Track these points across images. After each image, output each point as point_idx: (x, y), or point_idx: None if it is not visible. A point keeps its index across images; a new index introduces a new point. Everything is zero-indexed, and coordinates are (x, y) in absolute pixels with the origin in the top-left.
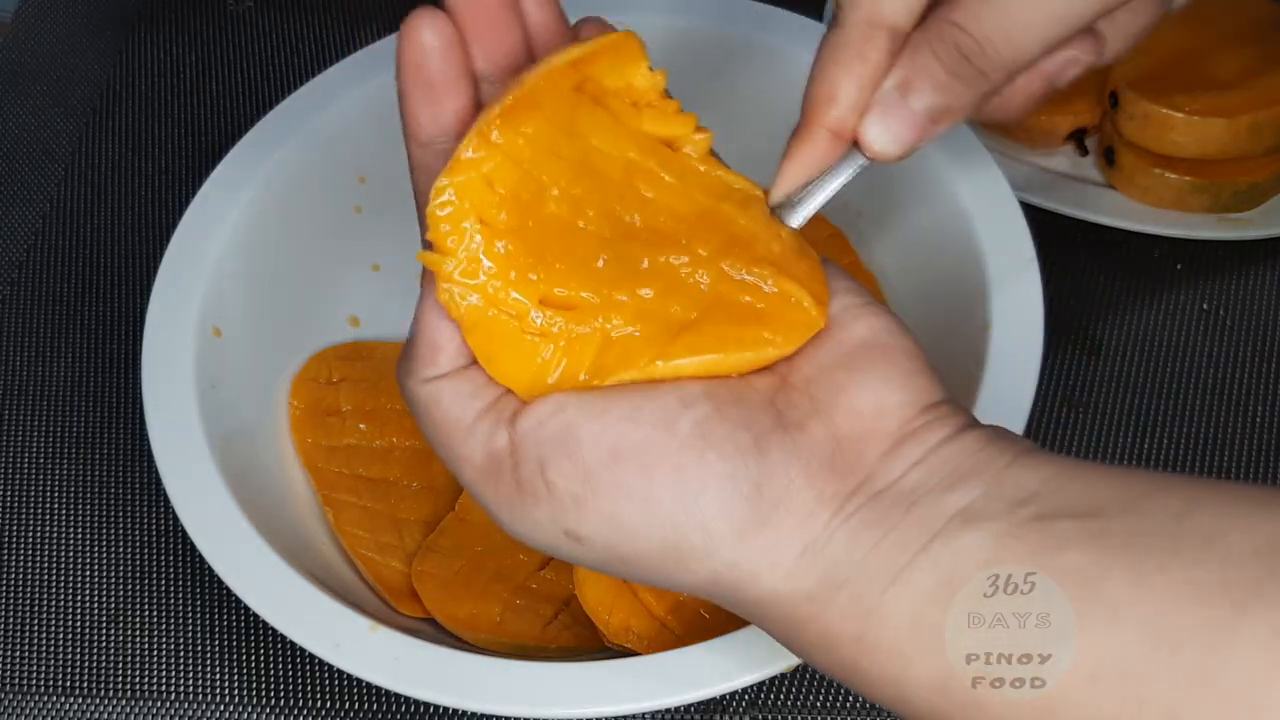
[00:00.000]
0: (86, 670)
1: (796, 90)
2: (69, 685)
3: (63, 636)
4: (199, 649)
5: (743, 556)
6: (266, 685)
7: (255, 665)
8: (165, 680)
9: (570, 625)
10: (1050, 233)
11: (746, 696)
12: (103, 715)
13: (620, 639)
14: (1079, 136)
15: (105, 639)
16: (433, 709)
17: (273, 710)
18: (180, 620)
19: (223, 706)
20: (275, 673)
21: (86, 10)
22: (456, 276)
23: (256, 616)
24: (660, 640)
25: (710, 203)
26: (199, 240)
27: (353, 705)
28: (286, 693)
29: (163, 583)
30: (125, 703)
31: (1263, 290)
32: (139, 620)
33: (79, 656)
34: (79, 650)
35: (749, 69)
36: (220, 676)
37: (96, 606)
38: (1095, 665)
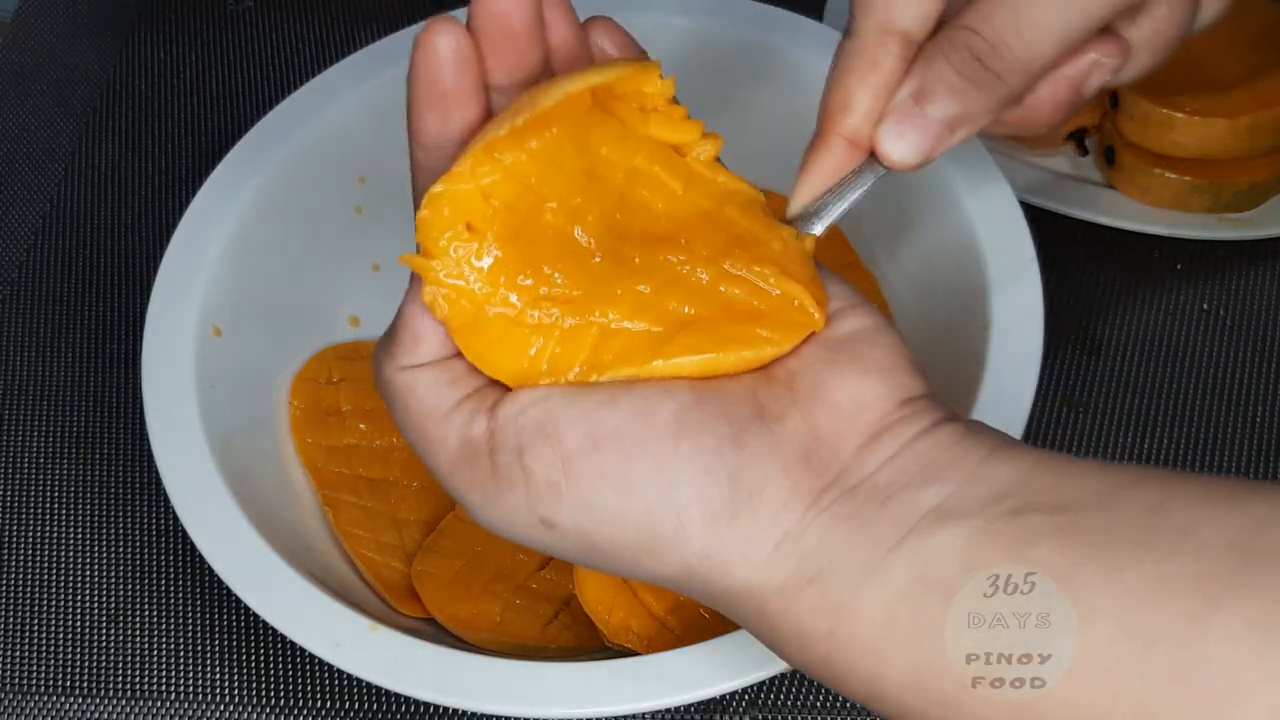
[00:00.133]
0: (86, 670)
1: (795, 89)
2: (69, 685)
3: (63, 636)
4: (199, 649)
5: (716, 547)
6: (266, 685)
7: (255, 665)
8: (165, 680)
9: (570, 625)
10: (1050, 233)
11: (746, 696)
12: (103, 715)
13: (620, 639)
14: (1079, 136)
15: (105, 639)
16: (433, 709)
17: (273, 710)
18: (180, 620)
19: (223, 706)
20: (275, 673)
21: (86, 10)
22: (443, 279)
23: (256, 616)
24: (660, 640)
25: (712, 206)
26: (199, 240)
27: (353, 705)
28: (286, 693)
29: (163, 583)
30: (125, 703)
31: (1263, 290)
32: (139, 620)
33: (79, 656)
34: (79, 650)
35: (747, 69)
36: (220, 676)
37: (96, 606)
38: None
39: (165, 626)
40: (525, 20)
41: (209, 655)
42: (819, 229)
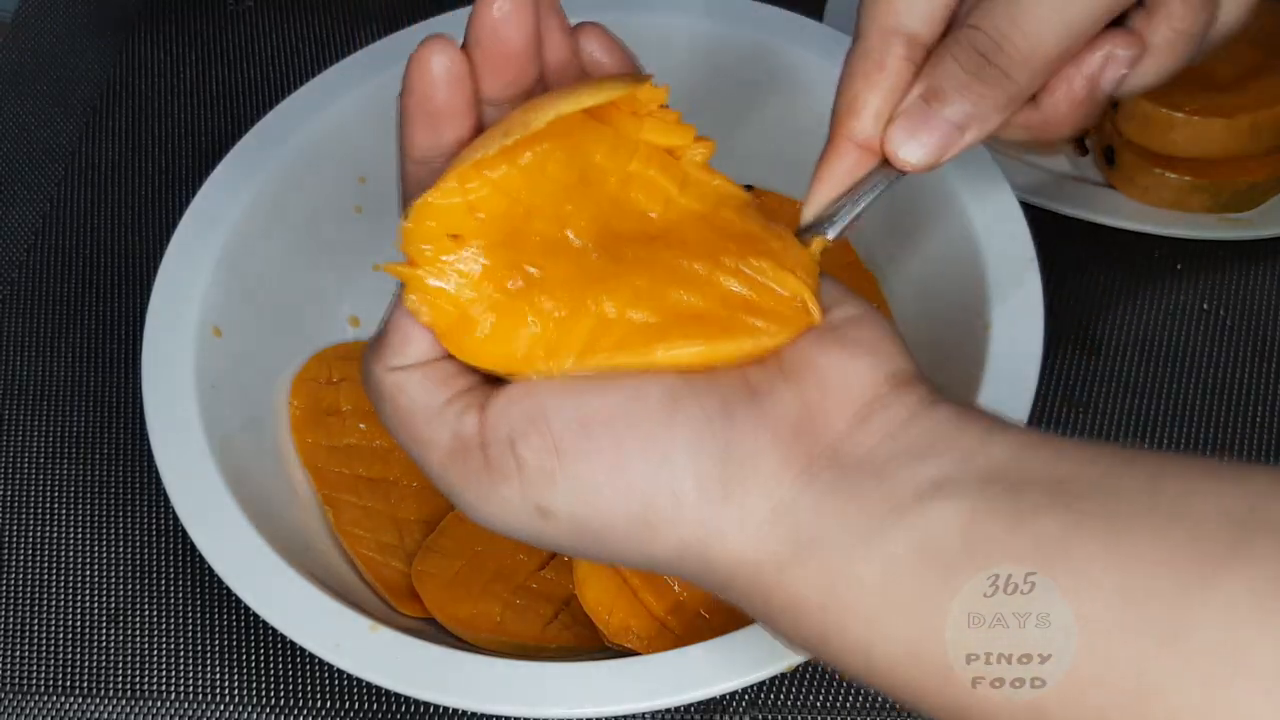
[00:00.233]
0: (86, 670)
1: (794, 90)
2: (69, 685)
3: (63, 636)
4: (199, 649)
5: (710, 521)
6: (266, 685)
7: (255, 665)
8: (165, 680)
9: (570, 625)
10: (1050, 233)
11: (746, 696)
12: (103, 715)
13: (620, 639)
14: (1079, 136)
15: (105, 639)
16: (433, 709)
17: (273, 710)
18: (180, 620)
19: (223, 706)
20: (275, 673)
21: (86, 10)
22: (427, 284)
23: (256, 616)
24: (660, 640)
25: (707, 209)
26: (199, 240)
27: (353, 705)
28: (286, 693)
29: (163, 583)
30: (125, 703)
31: (1263, 290)
32: (139, 620)
33: (79, 656)
34: (79, 650)
35: (746, 69)
36: (220, 676)
37: (96, 606)
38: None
39: (165, 626)
40: (525, 41)
41: (209, 655)
42: (832, 234)
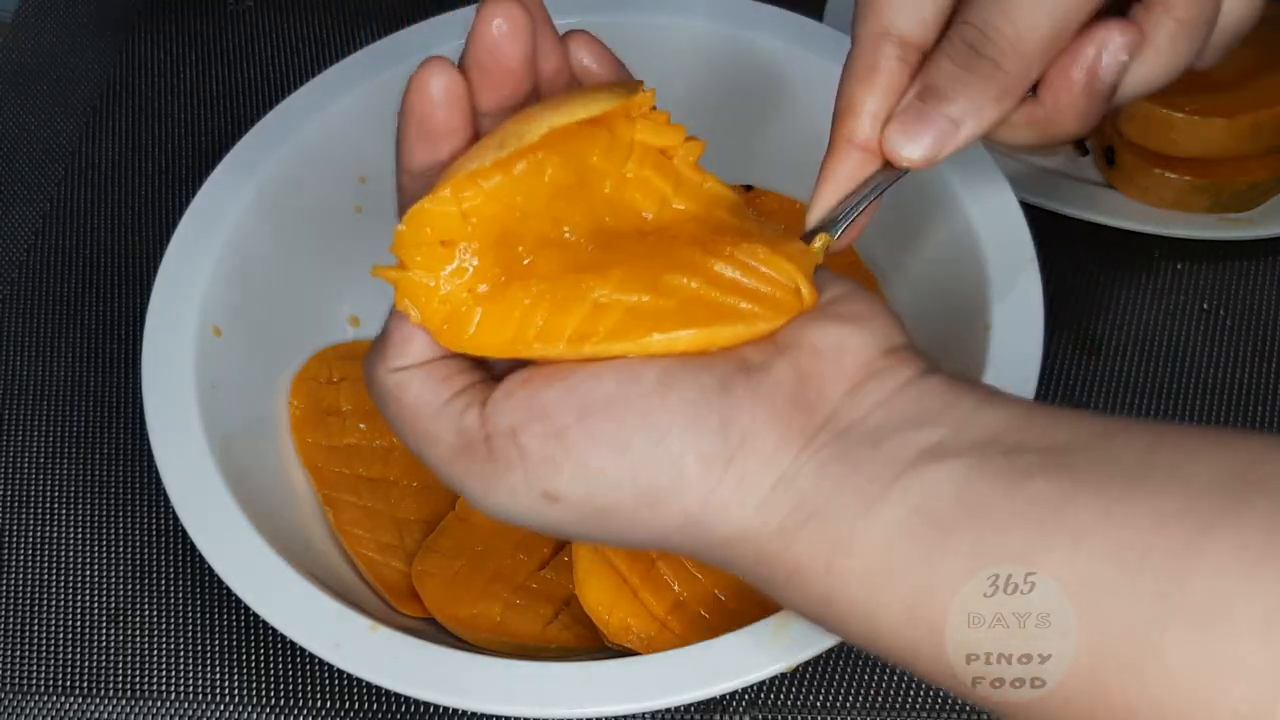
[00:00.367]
0: (86, 670)
1: (793, 90)
2: (69, 685)
3: (63, 636)
4: (199, 649)
5: (713, 493)
6: (266, 685)
7: (255, 665)
8: (165, 680)
9: (570, 625)
10: (1050, 233)
11: (746, 696)
12: (103, 715)
13: (620, 639)
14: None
15: (105, 639)
16: (433, 709)
17: (273, 710)
18: (180, 620)
19: (223, 706)
20: (275, 673)
21: (86, 10)
22: (419, 283)
23: (256, 616)
24: (660, 640)
25: (701, 209)
26: (199, 240)
27: (353, 705)
28: (286, 693)
29: (163, 583)
30: (125, 703)
31: (1263, 290)
32: (139, 620)
33: (79, 656)
34: (79, 650)
35: (745, 69)
36: (220, 676)
37: (96, 606)
38: (1059, 582)
39: (165, 626)
40: (522, 57)
41: (209, 655)
42: (837, 233)
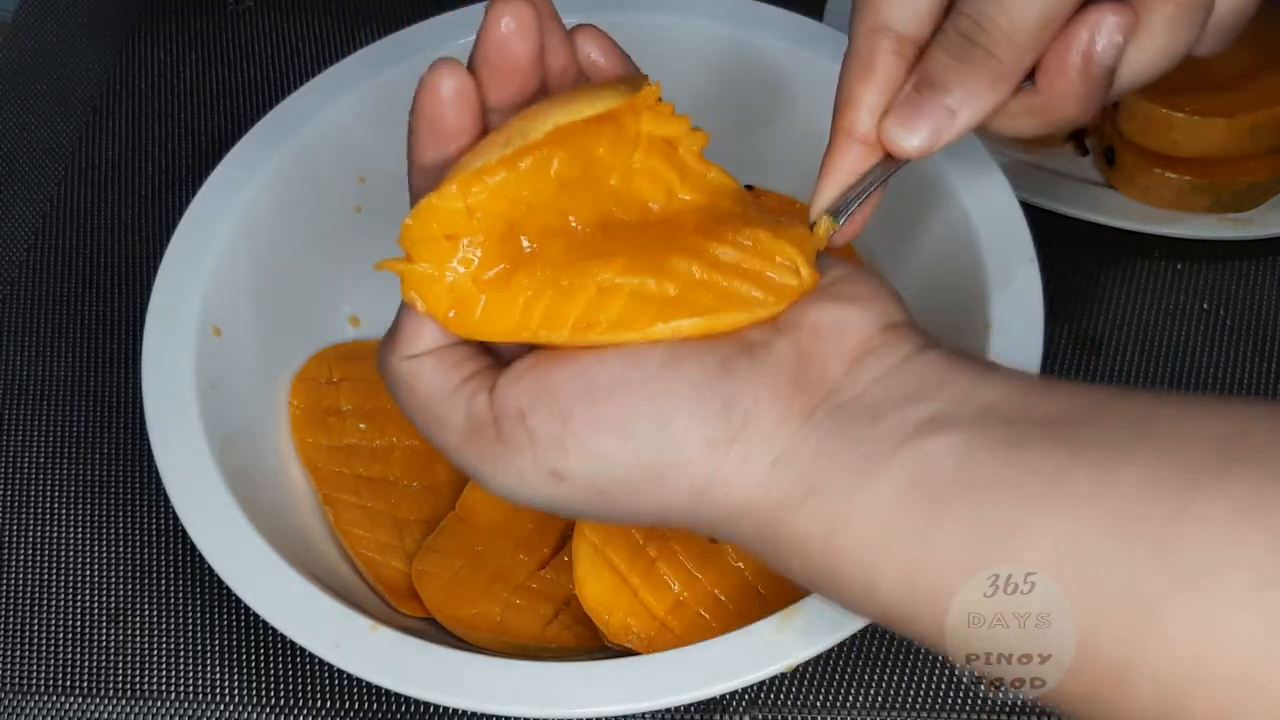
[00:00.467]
0: (86, 670)
1: (792, 90)
2: (69, 685)
3: (63, 636)
4: (199, 649)
5: (717, 470)
6: (266, 685)
7: (255, 665)
8: (165, 680)
9: (570, 625)
10: (1050, 233)
11: (746, 696)
12: (103, 715)
13: (620, 639)
14: (1079, 136)
15: (105, 639)
16: (433, 709)
17: (273, 710)
18: (180, 620)
19: (223, 706)
20: (275, 673)
21: (86, 10)
22: (424, 274)
23: (256, 616)
24: (660, 640)
25: (706, 200)
26: (199, 240)
27: (353, 705)
28: (286, 693)
29: (163, 583)
30: (125, 703)
31: (1263, 290)
32: (139, 620)
33: (79, 656)
34: (79, 650)
35: (745, 69)
36: (220, 676)
37: (96, 606)
38: (1057, 553)
39: (165, 626)
40: (531, 54)
41: (209, 655)
42: (840, 220)
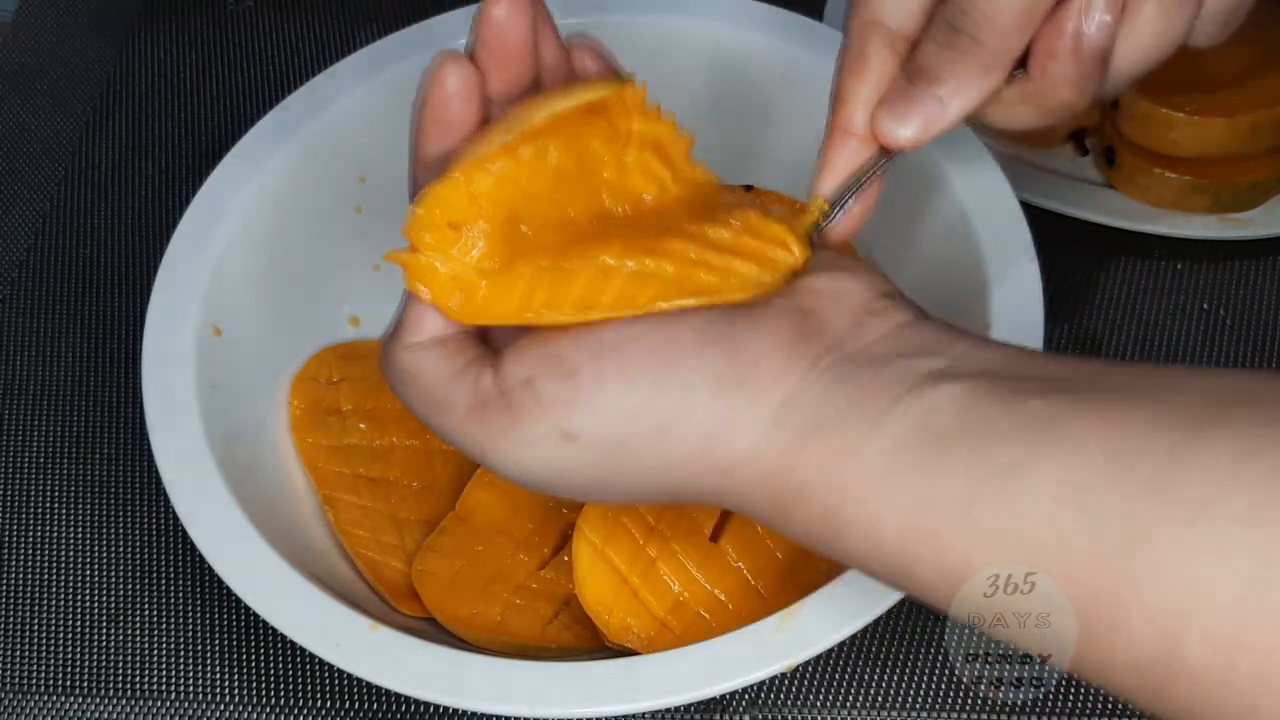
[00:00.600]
0: (86, 670)
1: (792, 89)
2: (69, 685)
3: (63, 636)
4: (199, 649)
5: (724, 413)
6: (266, 685)
7: (255, 665)
8: (165, 680)
9: (570, 625)
10: (1050, 233)
11: (746, 696)
12: (103, 715)
13: (620, 639)
14: (1079, 136)
15: (105, 639)
16: (432, 709)
17: (273, 710)
18: (180, 620)
19: (223, 706)
20: (275, 673)
21: (86, 10)
22: (430, 265)
23: (256, 616)
24: (660, 640)
25: (696, 192)
26: (199, 239)
27: (353, 705)
28: (286, 693)
29: (163, 583)
30: (125, 703)
31: (1263, 290)
32: (139, 620)
33: (79, 656)
34: (79, 650)
35: (744, 68)
36: (220, 676)
37: (96, 606)
38: (1056, 486)
39: (165, 626)
40: (524, 36)
41: (209, 655)
42: (835, 224)
